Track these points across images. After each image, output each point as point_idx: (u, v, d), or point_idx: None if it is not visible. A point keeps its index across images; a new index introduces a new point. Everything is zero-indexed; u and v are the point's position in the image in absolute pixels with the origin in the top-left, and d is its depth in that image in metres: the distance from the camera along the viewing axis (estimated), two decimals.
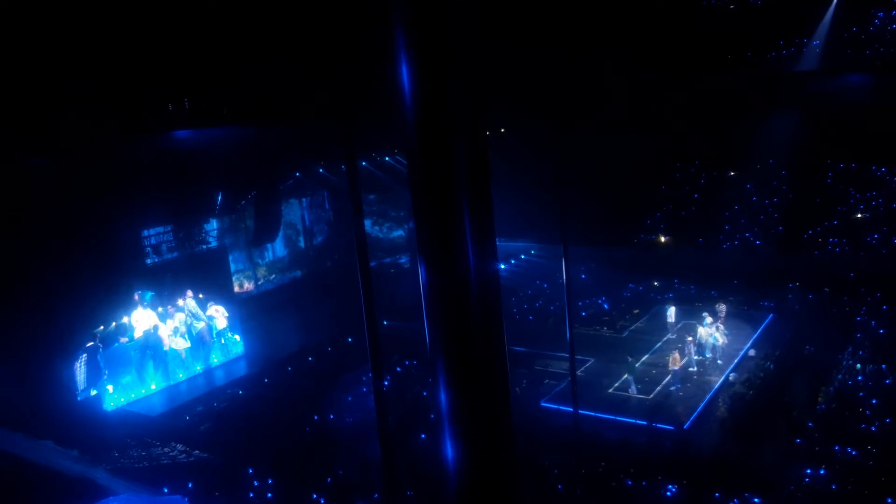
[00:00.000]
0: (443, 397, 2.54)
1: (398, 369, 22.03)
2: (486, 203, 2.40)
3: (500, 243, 28.82)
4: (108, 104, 19.45)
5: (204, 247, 26.06)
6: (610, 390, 20.22)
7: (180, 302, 23.50)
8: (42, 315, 20.19)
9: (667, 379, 20.40)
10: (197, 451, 18.25)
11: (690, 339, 21.42)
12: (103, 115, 19.18)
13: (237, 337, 25.15)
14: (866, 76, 28.30)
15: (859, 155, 29.45)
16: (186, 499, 14.91)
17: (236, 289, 28.84)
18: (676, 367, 20.25)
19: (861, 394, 18.14)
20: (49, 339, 20.35)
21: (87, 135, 19.10)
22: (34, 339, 20.13)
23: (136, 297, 22.67)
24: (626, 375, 20.38)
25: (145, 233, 24.77)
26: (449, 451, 2.58)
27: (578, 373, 20.55)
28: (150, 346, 22.29)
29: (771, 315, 24.74)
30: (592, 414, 18.22)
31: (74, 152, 20.14)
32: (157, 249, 24.48)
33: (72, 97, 18.70)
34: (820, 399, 18.37)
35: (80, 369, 20.81)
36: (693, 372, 20.90)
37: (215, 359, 24.27)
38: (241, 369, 24.62)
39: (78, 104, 18.80)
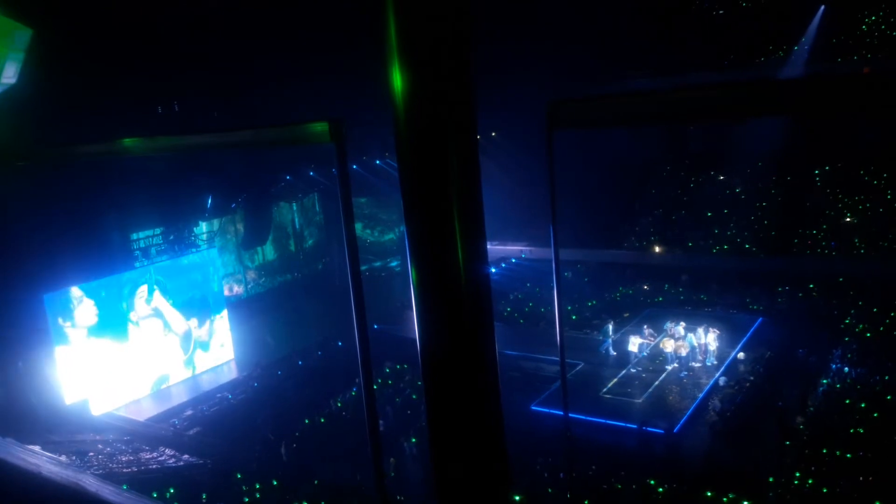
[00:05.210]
0: (433, 401, 2.53)
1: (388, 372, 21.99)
2: (476, 206, 2.39)
3: (491, 247, 28.87)
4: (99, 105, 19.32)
5: (194, 250, 25.93)
6: (600, 394, 20.24)
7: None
8: (31, 318, 20.06)
9: (673, 366, 21.29)
10: (186, 456, 18.16)
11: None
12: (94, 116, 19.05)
13: None
14: (854, 80, 28.45)
15: (847, 159, 29.66)
16: None
17: (226, 292, 28.72)
18: (684, 353, 21.13)
19: (848, 399, 18.21)
20: (37, 343, 20.20)
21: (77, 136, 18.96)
22: (22, 342, 19.98)
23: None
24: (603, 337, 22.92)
25: (134, 236, 24.62)
26: (439, 455, 2.57)
27: (569, 376, 20.58)
28: None
29: (760, 318, 24.83)
30: (583, 417, 18.28)
31: (61, 155, 19.95)
32: (146, 252, 24.30)
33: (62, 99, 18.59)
34: (809, 401, 18.44)
35: None
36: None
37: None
38: (231, 373, 24.53)
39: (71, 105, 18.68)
